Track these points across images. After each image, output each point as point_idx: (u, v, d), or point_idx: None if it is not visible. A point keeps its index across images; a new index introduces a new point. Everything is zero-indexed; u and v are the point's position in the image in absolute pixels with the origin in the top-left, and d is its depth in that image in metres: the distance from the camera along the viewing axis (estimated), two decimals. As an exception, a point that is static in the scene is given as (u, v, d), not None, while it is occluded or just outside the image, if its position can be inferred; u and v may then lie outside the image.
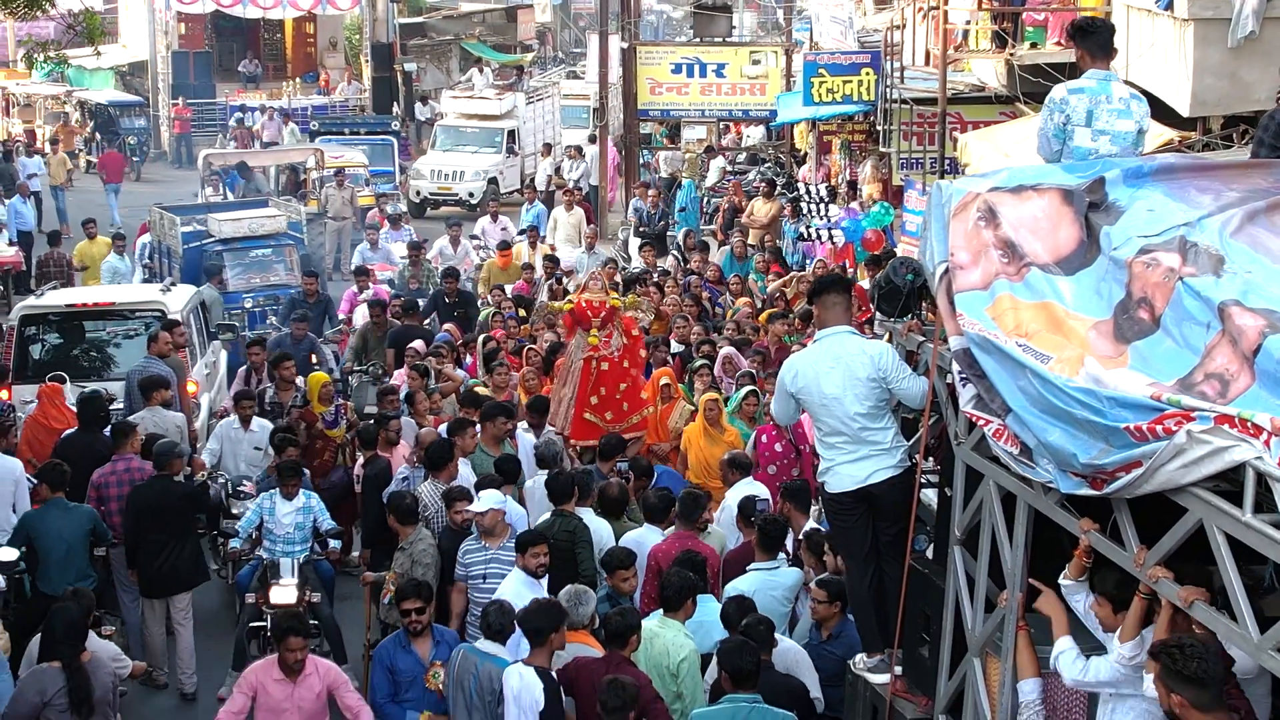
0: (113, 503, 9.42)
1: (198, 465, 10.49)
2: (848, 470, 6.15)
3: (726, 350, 11.85)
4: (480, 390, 10.97)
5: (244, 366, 12.58)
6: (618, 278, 14.80)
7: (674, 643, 6.76)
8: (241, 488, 10.37)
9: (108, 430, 10.23)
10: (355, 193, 22.75)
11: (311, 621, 8.58)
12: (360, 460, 10.27)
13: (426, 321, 14.53)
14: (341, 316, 15.68)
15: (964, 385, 5.27)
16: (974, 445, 5.46)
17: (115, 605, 9.50)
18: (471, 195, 27.18)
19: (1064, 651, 4.98)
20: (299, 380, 11.90)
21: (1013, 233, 5.18)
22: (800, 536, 7.89)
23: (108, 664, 7.10)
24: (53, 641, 6.99)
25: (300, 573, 9.02)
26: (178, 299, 13.41)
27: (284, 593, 8.87)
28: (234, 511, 10.09)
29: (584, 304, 10.53)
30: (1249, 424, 3.96)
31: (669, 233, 20.71)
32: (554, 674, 6.51)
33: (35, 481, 9.50)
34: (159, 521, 9.18)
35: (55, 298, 14.00)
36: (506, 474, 8.88)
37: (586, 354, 10.10)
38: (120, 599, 9.56)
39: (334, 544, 9.42)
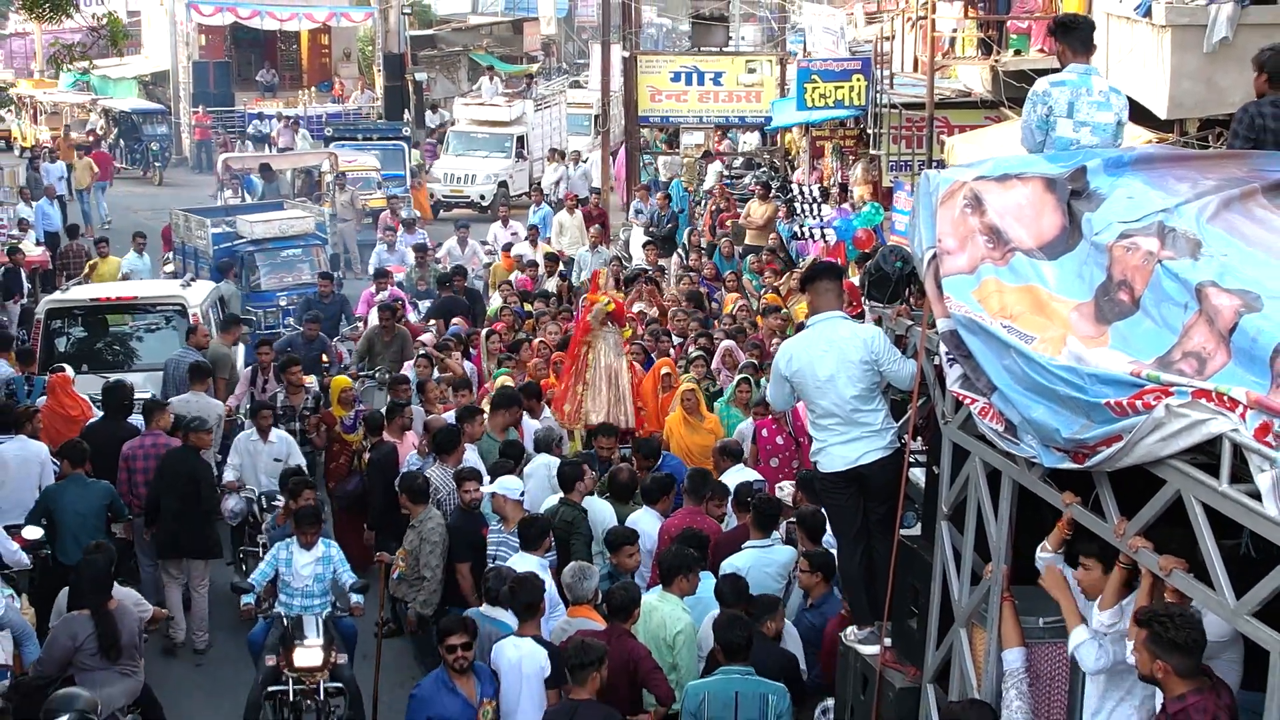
0: (139, 475, 9.87)
1: (230, 487, 10.34)
2: (839, 451, 6.21)
3: (726, 343, 12.05)
4: (505, 380, 11.25)
5: (250, 366, 12.64)
6: (621, 275, 15.11)
7: (671, 616, 6.97)
8: (276, 501, 9.87)
9: (130, 418, 10.51)
10: (355, 195, 23.05)
11: (333, 684, 7.98)
12: (368, 446, 10.47)
13: (431, 321, 14.72)
14: (358, 315, 15.84)
15: (951, 365, 5.36)
16: (960, 423, 5.53)
17: (131, 574, 9.75)
18: (483, 198, 27.45)
19: (1082, 644, 4.89)
20: (308, 382, 12.04)
21: (998, 219, 5.24)
22: (793, 518, 8.04)
23: (133, 611, 7.43)
24: (81, 592, 7.32)
25: (324, 631, 8.10)
26: (197, 293, 13.72)
27: (309, 655, 7.94)
28: (265, 527, 9.99)
29: (617, 302, 10.80)
30: (1225, 398, 4.04)
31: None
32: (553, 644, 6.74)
33: (59, 465, 9.79)
34: (177, 487, 9.52)
35: (79, 292, 14.30)
36: (514, 459, 9.15)
37: (625, 351, 10.38)
38: (140, 563, 9.93)
39: (356, 598, 8.33)
